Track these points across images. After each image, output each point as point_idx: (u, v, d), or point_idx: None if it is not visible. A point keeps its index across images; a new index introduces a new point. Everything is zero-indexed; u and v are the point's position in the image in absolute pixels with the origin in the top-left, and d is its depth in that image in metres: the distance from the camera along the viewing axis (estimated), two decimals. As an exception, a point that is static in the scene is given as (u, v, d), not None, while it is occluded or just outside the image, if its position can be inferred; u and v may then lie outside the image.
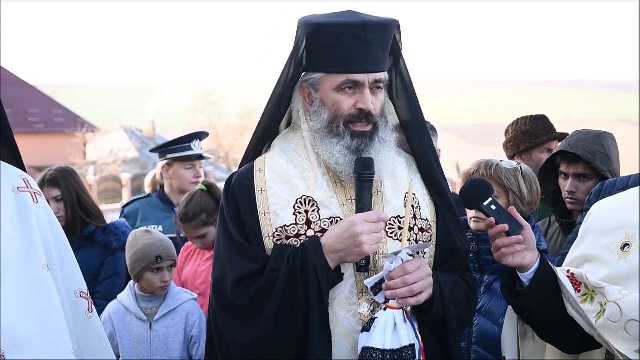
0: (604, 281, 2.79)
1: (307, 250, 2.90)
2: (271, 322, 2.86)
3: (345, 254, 2.88)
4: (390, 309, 2.86)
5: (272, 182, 3.03)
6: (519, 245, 2.89)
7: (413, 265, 2.88)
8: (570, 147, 4.48)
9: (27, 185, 2.84)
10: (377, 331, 2.82)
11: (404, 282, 2.85)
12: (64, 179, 5.18)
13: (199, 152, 5.81)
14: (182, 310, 4.55)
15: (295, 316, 2.86)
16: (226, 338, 2.94)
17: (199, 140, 5.83)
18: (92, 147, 39.22)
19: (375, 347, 2.81)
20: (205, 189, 5.00)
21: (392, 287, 2.85)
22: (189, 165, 5.78)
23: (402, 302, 2.86)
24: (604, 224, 2.93)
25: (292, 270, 2.88)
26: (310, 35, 3.00)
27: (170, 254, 4.57)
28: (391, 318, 2.85)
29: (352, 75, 2.97)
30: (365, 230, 2.85)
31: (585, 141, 4.46)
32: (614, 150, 4.52)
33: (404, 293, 2.85)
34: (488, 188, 2.99)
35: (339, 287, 2.93)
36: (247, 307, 2.90)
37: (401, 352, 2.82)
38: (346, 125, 2.99)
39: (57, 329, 2.71)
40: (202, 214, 4.88)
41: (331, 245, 2.88)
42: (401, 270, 2.86)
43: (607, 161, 4.43)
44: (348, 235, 2.86)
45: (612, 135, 4.59)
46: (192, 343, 4.53)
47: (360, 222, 2.86)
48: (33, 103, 39.26)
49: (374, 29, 2.99)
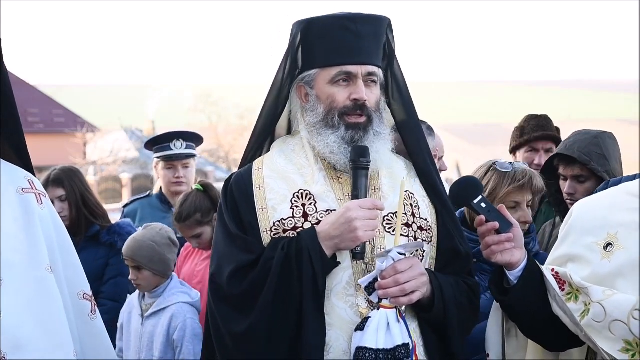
0: (587, 281, 2.81)
1: (302, 237, 2.91)
2: (266, 310, 2.87)
3: (340, 240, 2.88)
4: (383, 308, 2.87)
5: (270, 179, 3.06)
6: (508, 243, 2.92)
7: (404, 265, 2.89)
8: (566, 150, 4.51)
9: (32, 186, 2.85)
10: (370, 331, 2.83)
11: (395, 282, 2.85)
12: (69, 179, 5.19)
13: (178, 152, 5.72)
14: (168, 311, 4.58)
15: (290, 303, 2.87)
16: (222, 330, 2.95)
17: (181, 140, 5.74)
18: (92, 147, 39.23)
19: (369, 347, 2.81)
20: (201, 189, 5.00)
21: (383, 286, 2.86)
22: (169, 165, 5.75)
23: (394, 302, 2.86)
24: (586, 222, 2.95)
25: (287, 257, 2.89)
26: (303, 32, 3.06)
27: (130, 255, 4.63)
28: (384, 317, 2.85)
29: (345, 67, 3.02)
30: (359, 215, 2.86)
31: (581, 142, 4.47)
32: (613, 150, 4.52)
33: (396, 292, 2.85)
34: (478, 186, 3.01)
35: (335, 277, 2.93)
36: (242, 296, 2.92)
37: (394, 351, 2.82)
38: (341, 117, 3.02)
39: (58, 331, 2.72)
40: (197, 213, 4.88)
41: (326, 232, 2.89)
42: (392, 269, 2.86)
43: (604, 162, 4.43)
44: (343, 221, 2.87)
45: (611, 134, 4.58)
46: (175, 345, 4.54)
47: (355, 208, 2.87)
48: (33, 103, 39.27)
49: (364, 22, 3.04)
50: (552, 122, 5.54)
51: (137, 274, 4.63)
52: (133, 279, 4.66)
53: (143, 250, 4.62)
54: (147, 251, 4.62)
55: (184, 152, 5.74)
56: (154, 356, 4.55)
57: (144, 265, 4.61)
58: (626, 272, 2.78)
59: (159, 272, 4.64)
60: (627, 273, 2.77)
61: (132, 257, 4.63)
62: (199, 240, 4.94)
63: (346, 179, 3.05)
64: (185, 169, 5.75)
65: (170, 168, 5.75)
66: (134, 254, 4.63)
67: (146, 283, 4.65)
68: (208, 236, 4.87)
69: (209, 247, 4.94)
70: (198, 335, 4.52)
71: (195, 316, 4.62)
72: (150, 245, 4.63)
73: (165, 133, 5.91)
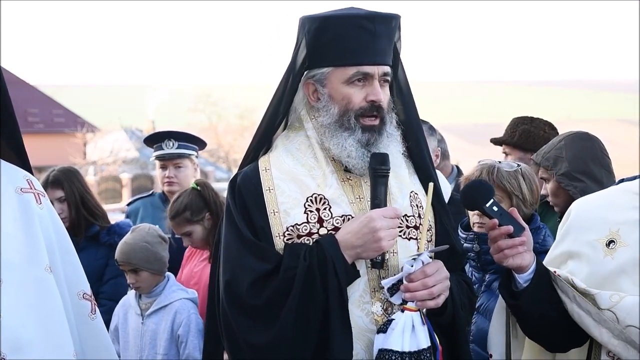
0: (587, 278, 2.80)
1: (324, 247, 2.86)
2: (289, 322, 2.82)
3: (362, 249, 2.86)
4: (408, 310, 2.84)
5: (280, 181, 3.00)
6: (521, 247, 2.89)
7: (432, 268, 2.86)
8: (535, 156, 4.57)
9: (31, 186, 2.84)
10: (396, 333, 2.80)
11: (424, 285, 2.83)
12: (68, 180, 5.19)
13: (169, 152, 5.67)
14: (171, 307, 4.60)
15: (314, 315, 2.83)
16: (239, 339, 2.88)
17: (173, 140, 5.68)
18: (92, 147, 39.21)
19: (394, 350, 2.78)
20: (196, 188, 4.98)
21: (411, 289, 2.83)
22: (162, 164, 5.72)
23: (420, 305, 2.84)
24: (586, 220, 2.94)
25: (310, 268, 2.84)
26: (316, 30, 2.99)
27: (125, 259, 4.64)
28: (409, 320, 2.82)
29: (362, 67, 2.96)
30: (383, 225, 2.84)
31: (549, 146, 4.52)
32: (581, 151, 4.46)
33: (424, 296, 2.83)
34: (489, 189, 2.98)
35: (353, 285, 2.91)
36: (263, 307, 2.85)
37: (419, 354, 2.79)
38: (357, 119, 2.97)
39: (58, 331, 2.71)
40: (186, 211, 4.86)
41: (348, 241, 2.86)
42: (421, 273, 2.84)
43: (561, 163, 4.43)
44: (367, 231, 2.84)
45: (583, 135, 4.53)
46: (179, 341, 4.56)
47: (379, 218, 2.85)
48: (33, 103, 39.24)
49: (381, 21, 2.99)
50: (524, 124, 5.40)
51: (136, 277, 4.64)
52: (132, 282, 4.67)
53: (137, 253, 4.63)
54: (141, 252, 4.63)
55: (175, 152, 5.68)
56: (157, 353, 4.57)
57: (141, 267, 4.62)
58: (629, 270, 2.77)
59: (156, 271, 4.66)
60: (630, 270, 2.76)
61: (128, 261, 4.64)
62: (190, 238, 4.94)
63: (356, 181, 3.02)
64: (178, 169, 5.69)
65: (163, 167, 5.74)
66: (128, 257, 4.64)
67: (146, 284, 4.66)
68: (199, 235, 4.88)
69: (201, 246, 4.97)
70: (201, 330, 4.55)
71: (197, 311, 4.66)
72: (143, 246, 4.65)
73: (157, 132, 5.89)
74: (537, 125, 5.34)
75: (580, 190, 4.26)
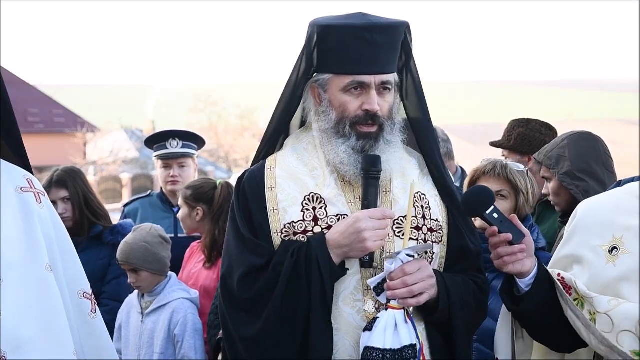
0: (588, 283, 2.81)
1: (311, 244, 2.92)
2: (274, 316, 2.88)
3: (349, 249, 2.90)
4: (391, 309, 2.88)
5: (282, 180, 3.06)
6: (521, 254, 2.88)
7: (413, 267, 2.89)
8: (538, 154, 4.58)
9: (31, 185, 2.85)
10: (378, 331, 2.84)
11: (404, 283, 2.87)
12: (72, 180, 5.20)
13: (174, 151, 5.68)
14: (169, 307, 4.63)
15: (298, 310, 2.88)
16: (232, 333, 2.97)
17: (177, 139, 5.69)
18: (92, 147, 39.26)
19: (376, 347, 2.82)
20: (219, 185, 5.07)
21: (391, 287, 2.87)
22: (165, 164, 5.72)
23: (402, 303, 2.88)
24: (591, 223, 2.93)
25: (296, 264, 2.90)
26: (320, 36, 3.04)
27: (125, 259, 4.68)
28: (392, 318, 2.86)
29: (358, 76, 3.00)
30: (369, 226, 2.87)
31: (551, 145, 4.53)
32: (583, 151, 4.46)
33: (404, 294, 2.87)
34: (490, 196, 2.96)
35: (344, 282, 2.95)
36: (252, 300, 2.93)
37: (401, 352, 2.83)
38: (352, 127, 3.02)
39: (58, 330, 2.71)
40: (189, 189, 5.05)
41: (336, 241, 2.91)
42: (400, 271, 2.87)
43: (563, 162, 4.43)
44: (352, 231, 2.88)
45: (586, 135, 4.54)
46: (175, 341, 4.60)
47: (365, 219, 2.89)
48: (33, 103, 39.27)
49: (381, 31, 3.01)
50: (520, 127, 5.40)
51: (136, 277, 4.68)
52: (132, 281, 4.71)
53: (137, 252, 4.66)
54: (140, 252, 4.66)
55: (179, 151, 5.70)
56: (154, 352, 4.61)
57: (140, 267, 4.66)
58: (631, 277, 2.76)
59: (156, 271, 4.68)
60: (632, 277, 2.76)
61: (127, 261, 4.68)
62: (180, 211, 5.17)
63: (356, 182, 3.05)
64: (182, 168, 5.70)
65: (166, 167, 5.73)
66: (128, 257, 4.67)
67: (146, 284, 4.69)
68: (183, 215, 5.11)
69: (195, 230, 5.15)
70: (199, 331, 4.61)
71: (195, 312, 4.69)
72: (142, 246, 4.68)
73: (161, 131, 5.89)
74: (533, 128, 5.36)
75: (582, 189, 4.27)
